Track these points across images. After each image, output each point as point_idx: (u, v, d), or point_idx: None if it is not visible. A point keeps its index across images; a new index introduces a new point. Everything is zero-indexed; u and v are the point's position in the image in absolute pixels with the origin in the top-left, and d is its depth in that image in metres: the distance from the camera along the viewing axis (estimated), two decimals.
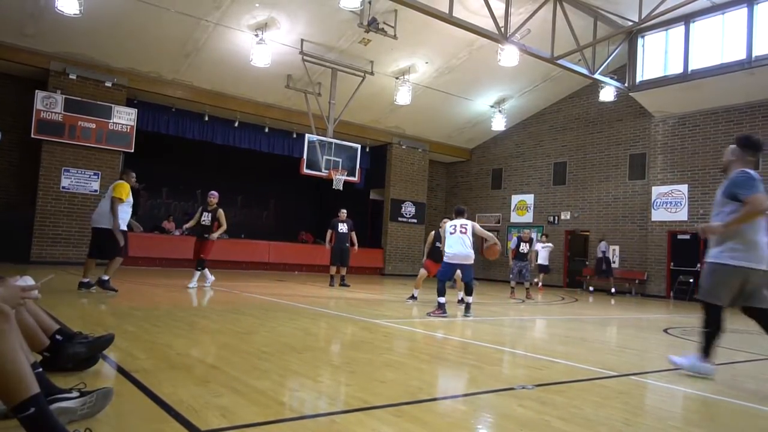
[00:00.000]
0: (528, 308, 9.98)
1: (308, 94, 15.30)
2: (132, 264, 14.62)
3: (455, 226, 7.91)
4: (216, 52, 14.13)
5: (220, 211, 9.46)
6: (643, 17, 12.28)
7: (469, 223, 7.94)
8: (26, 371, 1.95)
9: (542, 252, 15.27)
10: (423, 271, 9.67)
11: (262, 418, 2.54)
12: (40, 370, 2.35)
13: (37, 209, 13.40)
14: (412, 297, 9.47)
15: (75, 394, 2.36)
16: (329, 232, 12.22)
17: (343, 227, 12.21)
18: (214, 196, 9.59)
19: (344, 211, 12.46)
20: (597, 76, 14.57)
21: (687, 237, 15.37)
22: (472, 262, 7.83)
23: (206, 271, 9.63)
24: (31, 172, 13.96)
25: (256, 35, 13.48)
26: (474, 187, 21.80)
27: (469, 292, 7.84)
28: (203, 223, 9.42)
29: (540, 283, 15.62)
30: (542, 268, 15.51)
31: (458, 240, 7.77)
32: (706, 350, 4.11)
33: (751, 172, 4.16)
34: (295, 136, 17.70)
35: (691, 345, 6.28)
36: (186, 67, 14.63)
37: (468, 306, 7.77)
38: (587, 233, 18.02)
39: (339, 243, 12.13)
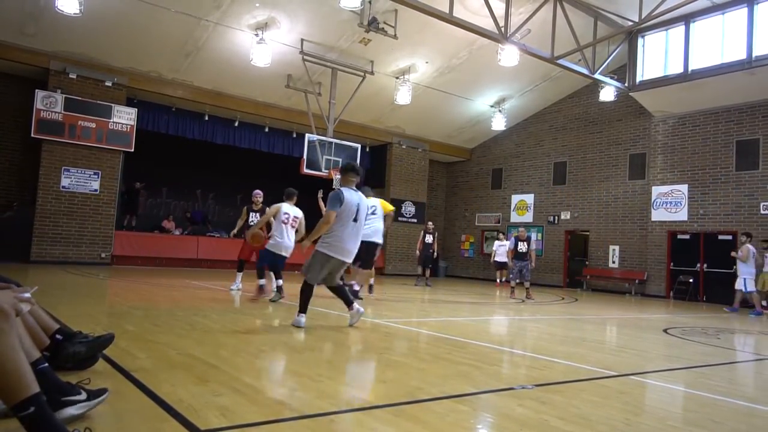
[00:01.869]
0: (528, 308, 9.98)
1: (308, 93, 15.29)
2: (132, 263, 14.65)
3: (288, 214, 8.02)
4: (216, 52, 14.12)
5: (268, 210, 9.49)
6: (643, 17, 12.27)
7: (301, 214, 8.14)
8: (26, 370, 1.95)
9: (500, 249, 15.91)
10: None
11: (262, 417, 2.54)
12: (46, 365, 2.35)
13: (37, 209, 13.40)
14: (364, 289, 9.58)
15: (83, 396, 2.36)
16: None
17: None
18: (259, 195, 9.59)
19: None
20: (597, 76, 14.57)
21: (687, 237, 15.38)
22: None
23: (240, 274, 9.56)
24: (31, 171, 13.96)
25: (256, 35, 13.48)
26: (474, 186, 21.80)
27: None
28: (251, 223, 9.36)
29: (499, 280, 16.78)
30: (499, 265, 16.16)
31: (290, 230, 7.98)
32: (303, 308, 5.52)
33: (342, 189, 5.54)
34: (295, 135, 17.69)
35: (690, 344, 6.29)
36: (186, 67, 14.62)
37: (279, 288, 7.77)
38: (587, 233, 18.02)
39: None
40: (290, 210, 8.07)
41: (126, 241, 14.87)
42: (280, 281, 7.94)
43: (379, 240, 8.84)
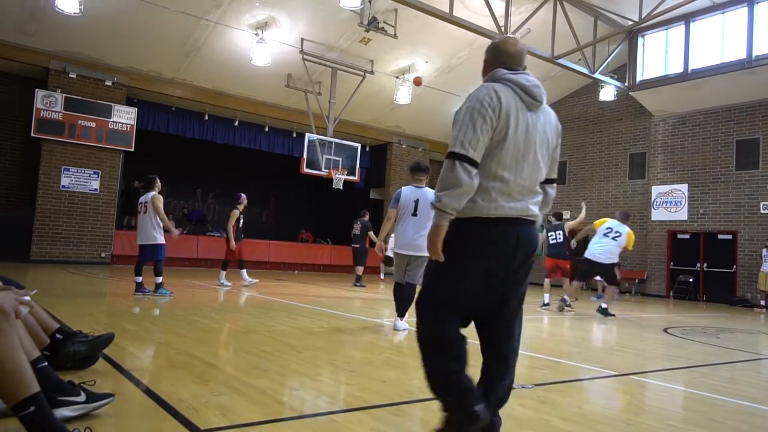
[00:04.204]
0: (527, 307, 9.98)
1: (308, 93, 15.28)
2: (132, 263, 14.62)
3: (141, 203, 8.19)
4: (216, 52, 14.11)
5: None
6: (643, 17, 12.28)
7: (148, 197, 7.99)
8: (26, 370, 1.95)
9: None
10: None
11: (262, 417, 2.54)
12: (45, 364, 2.35)
13: (37, 208, 13.39)
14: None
15: (81, 398, 2.36)
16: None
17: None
18: (245, 198, 10.35)
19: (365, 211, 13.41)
20: (597, 75, 14.57)
21: (687, 236, 15.38)
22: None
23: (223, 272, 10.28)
24: (31, 171, 13.95)
25: (256, 34, 13.47)
26: None
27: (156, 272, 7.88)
28: (240, 225, 10.17)
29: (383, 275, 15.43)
30: (388, 260, 14.91)
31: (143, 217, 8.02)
32: (400, 312, 5.74)
33: (403, 188, 5.91)
34: (295, 135, 17.69)
35: (690, 344, 6.29)
36: (186, 66, 14.61)
37: (157, 285, 7.77)
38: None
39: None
40: (143, 198, 7.98)
41: (126, 240, 14.86)
42: (159, 278, 7.89)
43: (606, 260, 8.71)
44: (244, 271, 10.32)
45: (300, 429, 2.46)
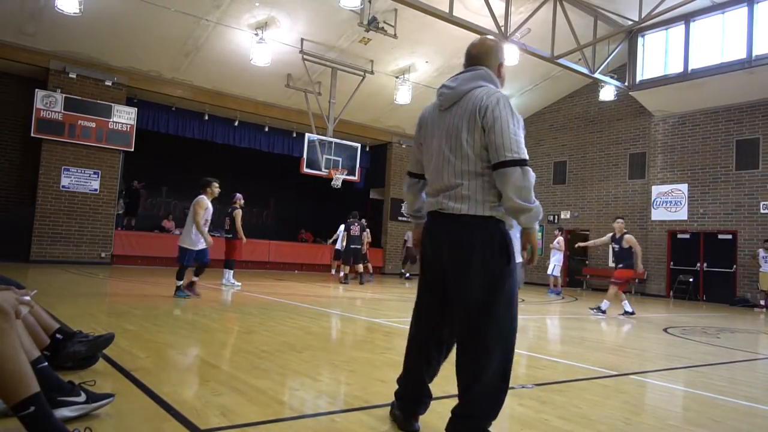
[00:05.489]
0: (528, 307, 9.98)
1: (308, 93, 15.28)
2: (132, 263, 14.65)
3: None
4: (216, 52, 14.11)
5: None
6: (643, 16, 12.28)
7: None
8: (26, 370, 1.95)
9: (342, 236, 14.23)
10: None
11: (262, 417, 2.54)
12: (45, 364, 2.35)
13: (37, 208, 13.39)
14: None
15: (81, 398, 2.36)
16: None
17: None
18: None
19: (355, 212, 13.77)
20: (597, 75, 14.57)
21: (687, 236, 15.38)
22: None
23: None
24: (31, 171, 13.95)
25: (256, 34, 13.47)
26: None
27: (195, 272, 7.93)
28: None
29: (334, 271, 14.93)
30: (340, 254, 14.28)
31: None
32: None
33: None
34: (295, 135, 17.69)
35: (690, 344, 6.29)
36: (186, 66, 14.61)
37: (189, 284, 7.78)
38: (587, 232, 18.01)
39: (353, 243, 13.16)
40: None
41: (126, 240, 14.87)
42: (195, 278, 7.97)
43: None
44: (233, 271, 10.43)
45: (300, 429, 2.46)
